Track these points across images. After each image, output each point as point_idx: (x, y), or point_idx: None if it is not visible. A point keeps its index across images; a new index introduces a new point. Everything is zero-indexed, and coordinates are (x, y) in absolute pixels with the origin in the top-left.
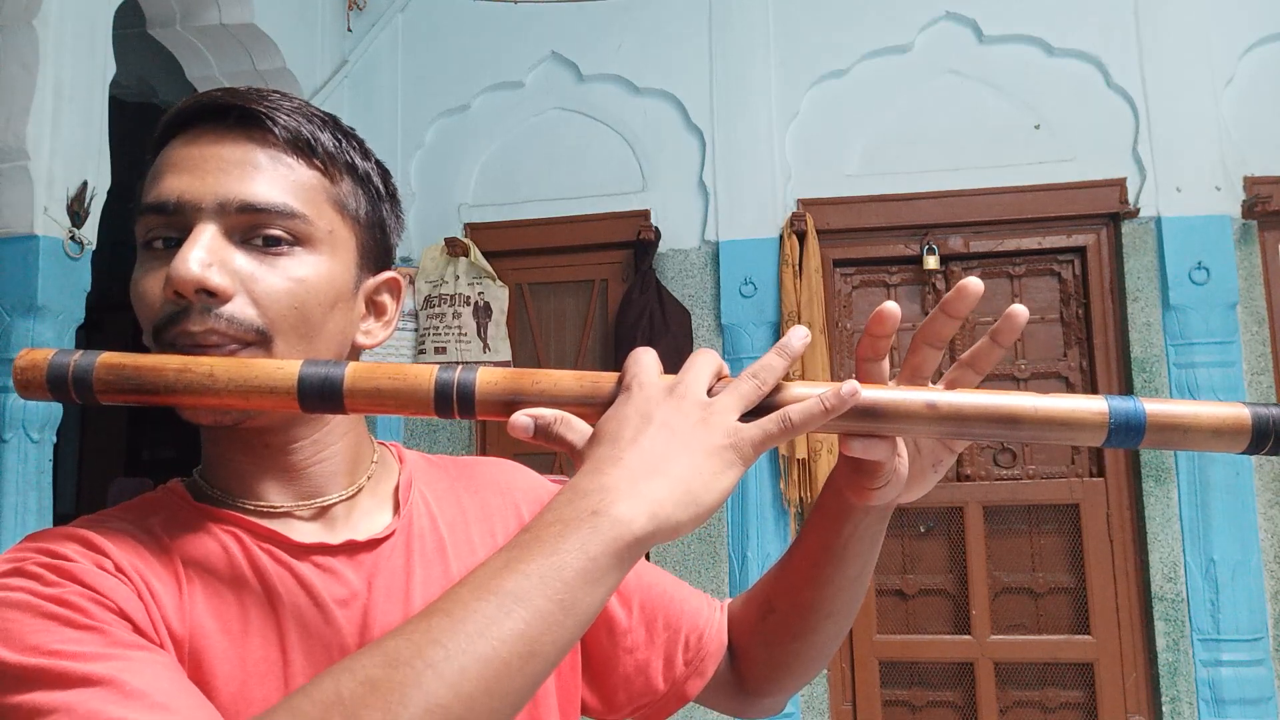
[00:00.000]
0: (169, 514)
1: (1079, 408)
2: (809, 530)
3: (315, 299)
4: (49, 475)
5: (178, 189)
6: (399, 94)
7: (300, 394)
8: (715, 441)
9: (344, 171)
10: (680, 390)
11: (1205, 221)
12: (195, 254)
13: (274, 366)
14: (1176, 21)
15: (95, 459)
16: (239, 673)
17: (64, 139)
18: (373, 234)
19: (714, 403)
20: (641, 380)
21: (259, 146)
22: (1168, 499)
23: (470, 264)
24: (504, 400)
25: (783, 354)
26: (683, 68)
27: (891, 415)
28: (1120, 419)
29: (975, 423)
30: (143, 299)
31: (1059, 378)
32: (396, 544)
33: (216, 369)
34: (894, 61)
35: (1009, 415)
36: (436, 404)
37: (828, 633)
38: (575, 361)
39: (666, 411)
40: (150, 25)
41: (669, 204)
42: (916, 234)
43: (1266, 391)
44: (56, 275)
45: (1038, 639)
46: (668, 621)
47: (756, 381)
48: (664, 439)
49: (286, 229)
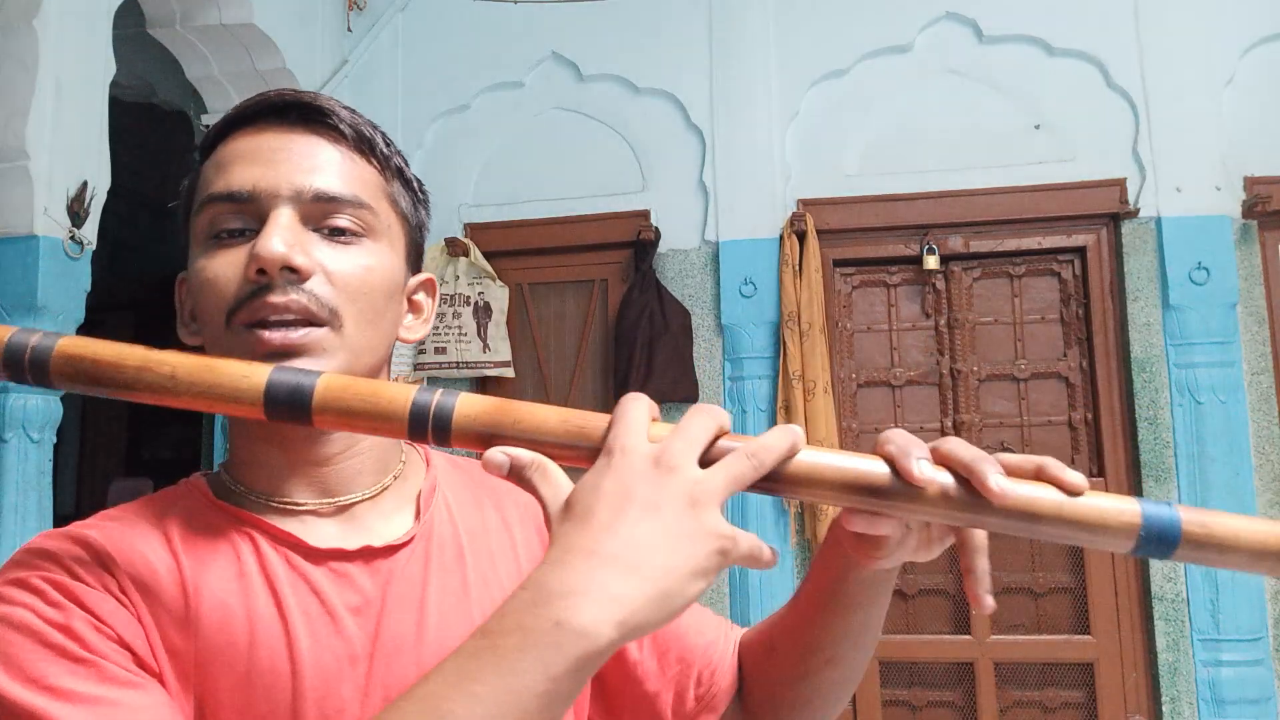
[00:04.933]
0: (187, 513)
1: (1107, 511)
2: (812, 571)
3: (380, 287)
4: (49, 475)
5: (251, 178)
6: (399, 94)
7: (266, 404)
8: (702, 533)
9: (394, 173)
10: (667, 462)
11: (1205, 221)
12: (280, 234)
13: (240, 373)
14: (1176, 21)
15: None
16: (244, 681)
17: (64, 139)
18: (415, 234)
19: (703, 485)
20: (625, 445)
21: (326, 141)
22: (1168, 499)
23: (470, 264)
24: (482, 433)
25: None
26: (683, 68)
27: (900, 498)
28: (1153, 528)
29: (993, 516)
30: (213, 285)
31: (1059, 378)
32: (415, 551)
33: (179, 370)
34: (894, 61)
35: (1030, 512)
36: (410, 428)
37: (828, 680)
38: (575, 363)
39: (649, 489)
40: (150, 25)
41: (669, 204)
42: (916, 234)
43: (1266, 391)
44: (56, 275)
45: (1038, 639)
46: (681, 655)
47: (754, 463)
48: (643, 526)
49: (355, 219)
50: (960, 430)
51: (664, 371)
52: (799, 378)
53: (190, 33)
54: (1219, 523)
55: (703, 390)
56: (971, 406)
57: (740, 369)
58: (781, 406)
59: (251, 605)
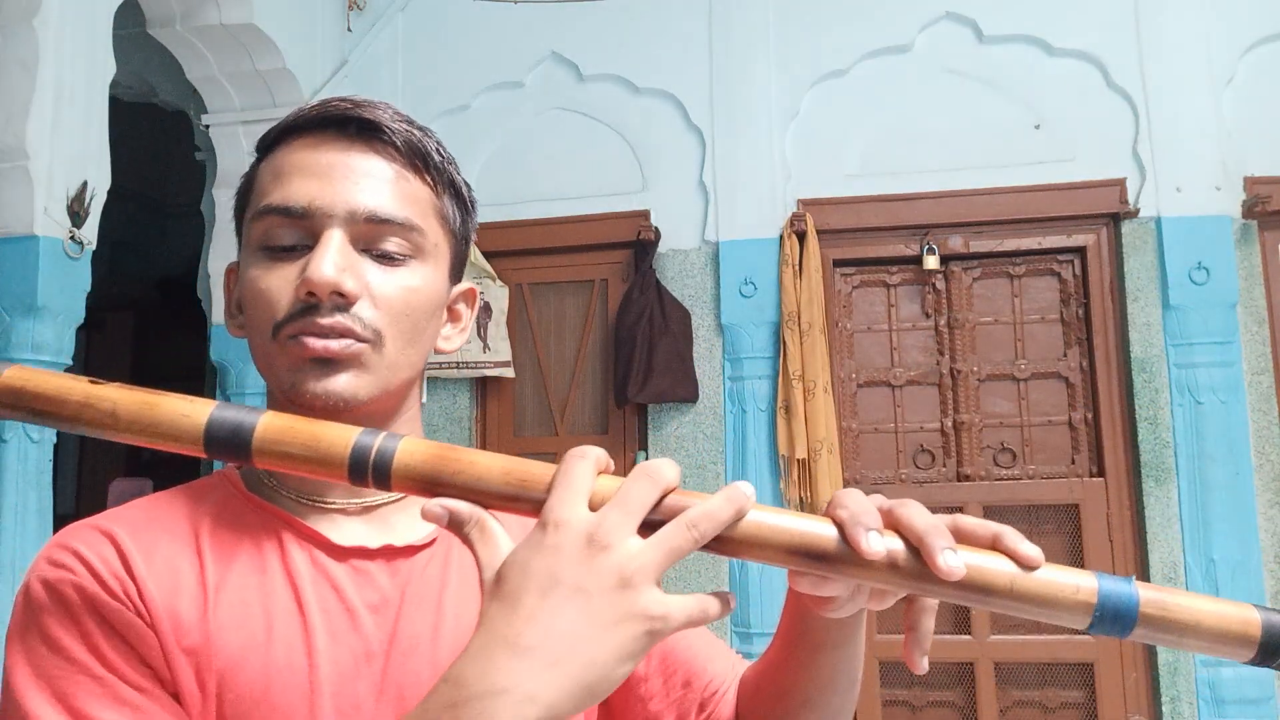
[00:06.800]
0: (218, 505)
1: (1062, 586)
2: (783, 613)
3: (423, 307)
4: (49, 475)
5: (308, 194)
6: (399, 94)
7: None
8: (628, 618)
9: (446, 186)
10: (600, 540)
11: (1205, 221)
12: (331, 259)
13: (180, 411)
14: (1176, 21)
15: (95, 459)
16: (262, 678)
17: (64, 139)
18: (461, 247)
19: (637, 561)
20: (559, 520)
21: (382, 159)
22: (1168, 499)
23: (470, 264)
24: (421, 481)
25: (733, 502)
26: (683, 68)
27: (847, 564)
28: (1109, 609)
29: (941, 588)
30: (265, 297)
31: (1059, 378)
32: (436, 552)
33: (119, 407)
34: (894, 61)
35: (981, 585)
36: (351, 472)
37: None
38: (575, 362)
39: (577, 572)
40: (150, 25)
41: (669, 204)
42: (916, 234)
43: (1266, 391)
44: (56, 275)
45: (1038, 639)
46: (686, 679)
47: (694, 534)
48: (570, 615)
49: (405, 240)
50: (960, 430)
51: (664, 371)
52: (799, 378)
53: (190, 33)
54: (1178, 604)
55: (703, 390)
56: (971, 406)
57: (740, 369)
58: (781, 406)
59: (271, 600)
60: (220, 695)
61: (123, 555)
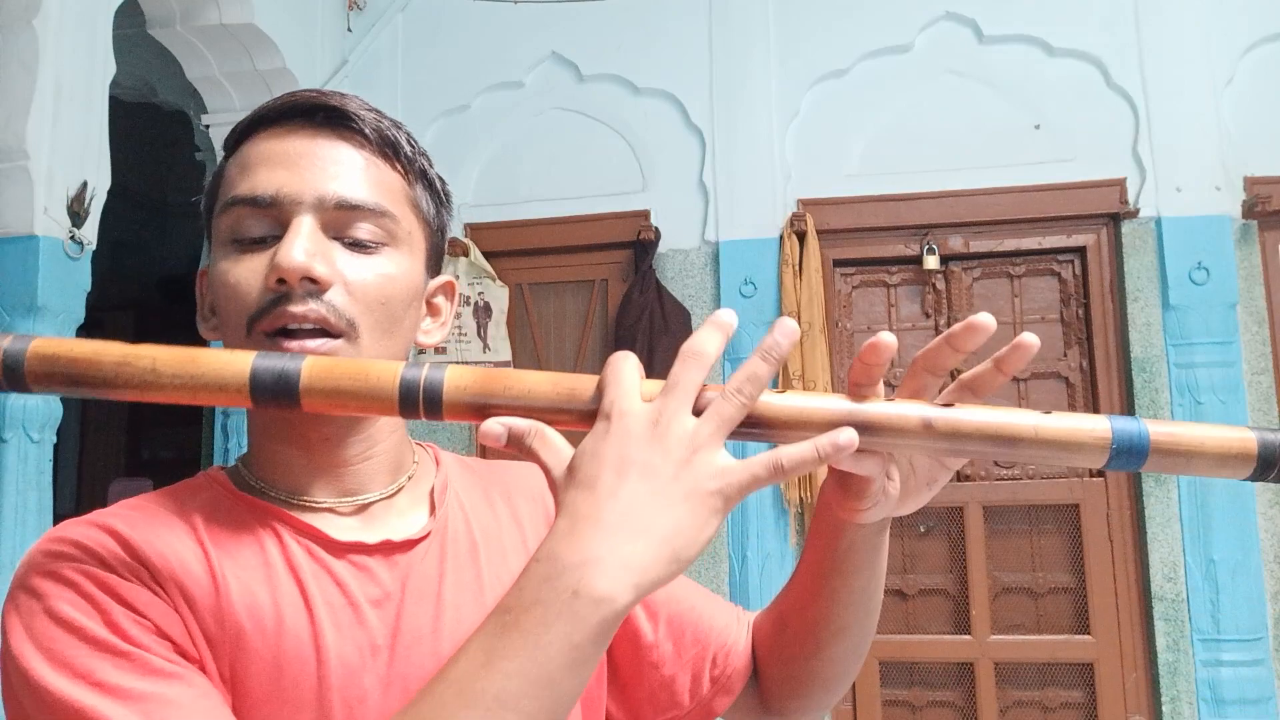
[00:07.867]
0: (210, 504)
1: (1080, 429)
2: (808, 545)
3: (399, 296)
4: (49, 475)
5: (275, 183)
6: (399, 94)
7: (253, 390)
8: (701, 488)
9: (418, 176)
10: (664, 423)
11: (1205, 221)
12: (301, 244)
13: (223, 361)
14: (1176, 21)
15: (95, 459)
16: (272, 669)
17: (64, 139)
18: (437, 238)
19: (698, 436)
20: (621, 409)
21: (351, 146)
22: (1168, 499)
23: (470, 264)
24: (473, 404)
25: (769, 358)
26: (683, 68)
27: (885, 430)
28: (1123, 442)
29: (972, 441)
30: (236, 290)
31: (1059, 378)
32: (431, 546)
33: (159, 363)
34: (894, 61)
35: (1008, 435)
36: (401, 404)
37: (841, 649)
38: (575, 362)
39: (648, 452)
40: (150, 25)
41: (669, 204)
42: (916, 234)
43: (1266, 391)
44: (56, 275)
45: (1038, 639)
46: (696, 638)
47: (741, 399)
48: (646, 489)
49: (377, 227)
50: None
51: (664, 371)
52: (799, 378)
53: (190, 33)
54: (1184, 432)
55: None
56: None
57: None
58: None
59: (278, 595)
60: (234, 686)
61: (125, 543)
